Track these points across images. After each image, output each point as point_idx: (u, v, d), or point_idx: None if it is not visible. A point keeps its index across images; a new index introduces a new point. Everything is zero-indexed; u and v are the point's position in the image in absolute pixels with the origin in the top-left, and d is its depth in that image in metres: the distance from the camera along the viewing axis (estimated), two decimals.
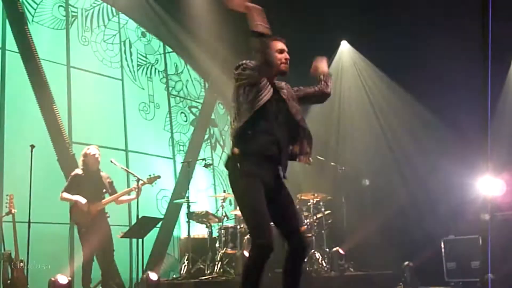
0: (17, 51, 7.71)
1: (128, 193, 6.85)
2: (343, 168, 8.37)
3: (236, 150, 3.58)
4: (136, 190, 6.73)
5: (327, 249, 7.88)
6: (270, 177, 3.61)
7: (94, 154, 6.67)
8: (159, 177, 7.00)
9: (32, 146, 6.37)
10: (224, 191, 7.95)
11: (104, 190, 6.71)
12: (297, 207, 7.75)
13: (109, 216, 6.73)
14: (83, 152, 6.72)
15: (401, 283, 7.87)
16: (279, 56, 3.75)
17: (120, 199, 6.81)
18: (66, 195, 6.54)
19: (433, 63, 8.64)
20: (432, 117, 8.84)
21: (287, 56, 3.78)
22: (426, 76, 8.74)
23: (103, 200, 6.64)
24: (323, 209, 7.96)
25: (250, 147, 3.56)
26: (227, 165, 3.70)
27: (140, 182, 6.75)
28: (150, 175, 6.90)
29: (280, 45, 3.79)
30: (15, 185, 6.72)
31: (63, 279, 5.37)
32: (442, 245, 8.34)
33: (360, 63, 10.08)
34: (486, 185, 8.28)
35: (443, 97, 8.82)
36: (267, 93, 3.63)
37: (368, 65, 9.92)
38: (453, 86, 8.59)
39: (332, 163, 8.54)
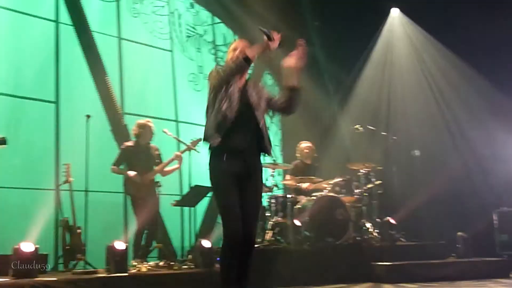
0: (71, 24, 7.87)
1: (172, 162, 6.81)
2: (395, 138, 8.22)
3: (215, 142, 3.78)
4: (178, 159, 6.75)
5: (378, 220, 7.82)
6: (240, 168, 3.81)
7: (151, 127, 6.73)
8: (200, 139, 7.02)
9: (88, 116, 6.52)
10: (274, 161, 7.90)
11: (156, 161, 6.80)
12: (348, 176, 7.81)
13: (161, 186, 6.81)
14: (141, 123, 6.73)
15: (454, 254, 7.77)
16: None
17: (165, 170, 6.85)
18: (116, 169, 6.68)
19: (483, 29, 8.30)
20: (488, 86, 8.54)
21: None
22: (479, 43, 8.42)
23: (151, 172, 6.72)
24: (373, 179, 7.88)
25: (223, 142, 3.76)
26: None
27: (182, 149, 6.78)
28: (192, 139, 6.82)
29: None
30: (71, 154, 6.90)
31: (120, 245, 5.50)
32: (495, 217, 8.18)
33: (411, 31, 9.81)
34: None
35: (500, 65, 8.51)
36: (236, 99, 3.81)
37: (420, 32, 9.64)
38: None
39: (383, 133, 8.41)
